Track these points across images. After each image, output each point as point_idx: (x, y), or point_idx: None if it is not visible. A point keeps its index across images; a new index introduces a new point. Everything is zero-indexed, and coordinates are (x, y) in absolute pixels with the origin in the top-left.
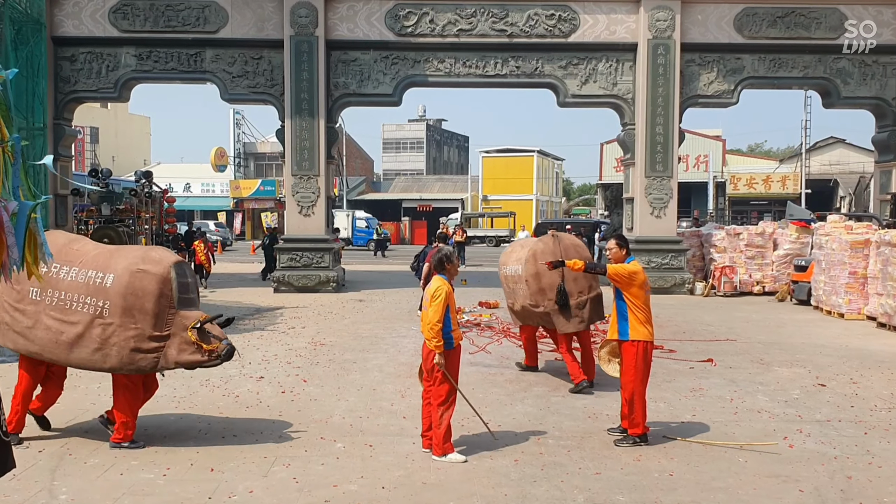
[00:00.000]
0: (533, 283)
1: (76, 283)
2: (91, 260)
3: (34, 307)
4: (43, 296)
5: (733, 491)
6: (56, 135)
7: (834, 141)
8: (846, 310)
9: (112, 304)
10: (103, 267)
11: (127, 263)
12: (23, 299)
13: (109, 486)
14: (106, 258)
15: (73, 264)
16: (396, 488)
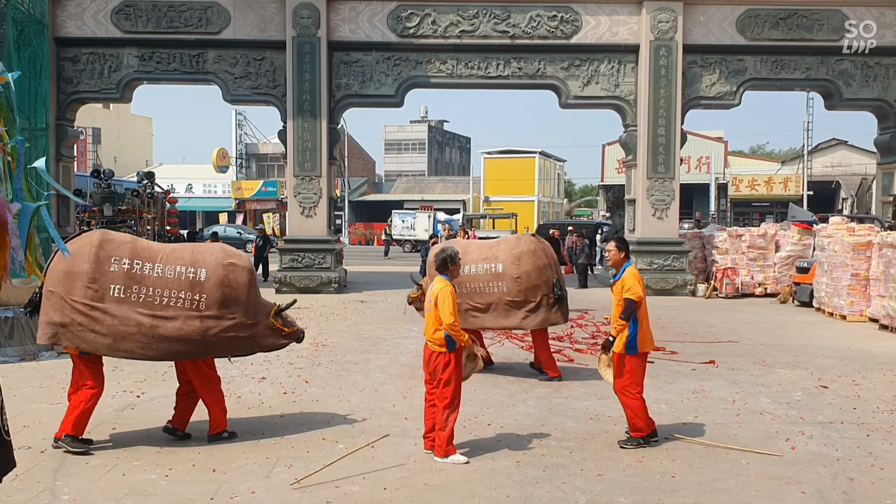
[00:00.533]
0: (525, 280)
1: (166, 279)
2: (169, 256)
3: (118, 305)
4: (128, 293)
5: (735, 493)
6: (58, 135)
7: (836, 143)
8: (848, 311)
9: (209, 296)
10: (190, 262)
11: (214, 258)
12: (103, 298)
13: (111, 487)
14: (184, 254)
15: (154, 261)
16: (398, 489)
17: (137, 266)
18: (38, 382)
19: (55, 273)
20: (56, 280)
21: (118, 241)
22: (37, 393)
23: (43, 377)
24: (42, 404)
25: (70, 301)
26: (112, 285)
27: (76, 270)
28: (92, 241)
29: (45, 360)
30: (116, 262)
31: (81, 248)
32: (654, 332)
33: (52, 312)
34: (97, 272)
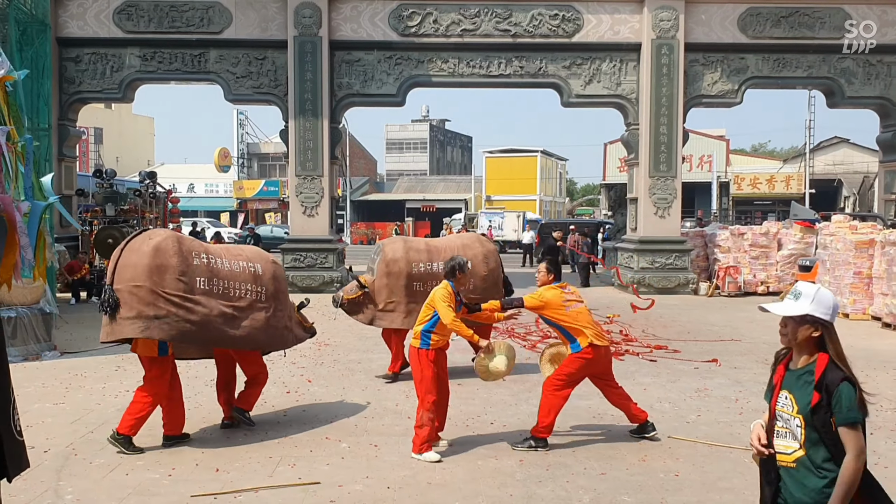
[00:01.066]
0: (489, 278)
1: (235, 272)
2: (229, 252)
3: (206, 297)
4: (210, 285)
5: (739, 491)
6: (61, 135)
7: (838, 141)
8: (851, 310)
9: (266, 289)
10: (247, 258)
11: (261, 255)
12: (192, 290)
13: (115, 486)
14: (238, 251)
15: (221, 256)
16: (402, 488)
17: (213, 260)
18: (42, 382)
19: (139, 268)
20: (143, 274)
21: (188, 237)
22: (40, 393)
23: (46, 377)
24: (45, 404)
25: (164, 294)
26: (198, 278)
27: (166, 264)
28: (170, 236)
29: (48, 360)
30: (197, 256)
31: (162, 244)
32: (657, 331)
33: (142, 306)
34: (185, 265)
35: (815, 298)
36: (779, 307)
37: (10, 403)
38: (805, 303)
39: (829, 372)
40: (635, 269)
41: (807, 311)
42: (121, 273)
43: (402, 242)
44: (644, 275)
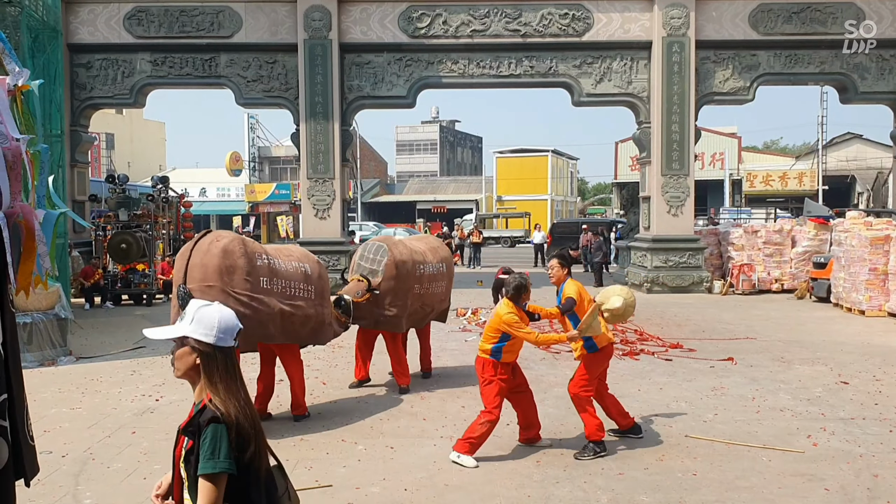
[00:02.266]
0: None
1: (290, 272)
2: (282, 253)
3: (267, 296)
4: (271, 284)
5: (758, 490)
6: (73, 141)
7: (851, 137)
8: (867, 306)
9: (315, 288)
10: (297, 258)
11: (309, 256)
12: (256, 289)
13: (133, 491)
14: (286, 252)
15: (278, 256)
16: (419, 490)
17: (273, 261)
18: (58, 387)
19: (209, 268)
20: (213, 274)
21: (249, 239)
22: (56, 398)
23: (62, 382)
24: (62, 409)
25: (233, 293)
26: (262, 277)
27: (234, 265)
28: (236, 238)
29: (64, 366)
30: (260, 258)
31: (230, 246)
32: (671, 330)
33: None
34: (250, 266)
35: (195, 317)
36: (157, 331)
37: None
38: (185, 323)
39: (201, 412)
40: (648, 268)
41: (185, 333)
42: (192, 273)
43: (403, 244)
44: (658, 273)
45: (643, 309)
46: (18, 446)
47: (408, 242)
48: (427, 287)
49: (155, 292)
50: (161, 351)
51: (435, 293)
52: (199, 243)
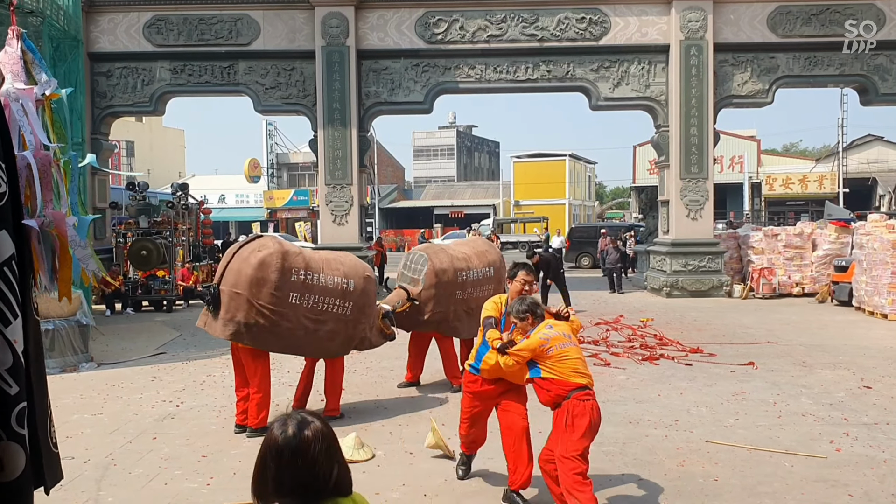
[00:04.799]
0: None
1: (328, 288)
2: (328, 266)
3: (293, 311)
4: (301, 300)
5: (780, 496)
6: (94, 149)
7: (872, 139)
8: (889, 310)
9: (353, 304)
10: (344, 274)
11: (357, 271)
12: (283, 304)
13: (154, 496)
14: (338, 265)
15: (319, 271)
16: (438, 496)
17: (309, 276)
18: (79, 393)
19: (242, 276)
20: (243, 283)
21: (293, 252)
22: (78, 404)
23: (84, 388)
24: (84, 415)
25: (257, 304)
26: (291, 293)
27: (265, 278)
28: (276, 251)
29: (86, 372)
30: (296, 273)
31: (268, 259)
32: (691, 335)
33: (237, 312)
34: (282, 281)
35: None
36: None
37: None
38: None
39: None
40: (668, 272)
41: None
42: (227, 276)
43: (445, 252)
44: (677, 278)
45: (663, 313)
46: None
47: (451, 249)
48: (471, 292)
49: (175, 298)
50: (181, 357)
51: (480, 297)
52: (242, 250)
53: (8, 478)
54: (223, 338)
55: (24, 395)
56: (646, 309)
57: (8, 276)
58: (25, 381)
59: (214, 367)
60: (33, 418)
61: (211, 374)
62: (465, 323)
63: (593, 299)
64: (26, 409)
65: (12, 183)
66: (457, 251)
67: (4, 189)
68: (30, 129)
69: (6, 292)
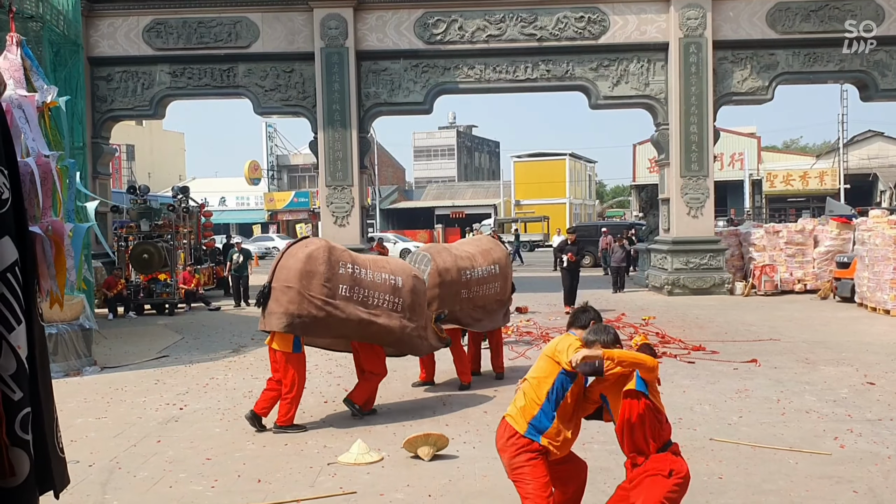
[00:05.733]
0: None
1: (376, 283)
2: (374, 264)
3: (345, 303)
4: (352, 293)
5: (785, 493)
6: (94, 153)
7: (872, 134)
8: (892, 306)
9: (403, 301)
10: (391, 271)
11: (404, 269)
12: (334, 295)
13: (159, 499)
14: (384, 263)
15: (366, 267)
16: (443, 496)
17: (357, 270)
18: (83, 397)
19: (292, 271)
20: (294, 277)
21: (339, 248)
22: (82, 408)
23: (87, 392)
24: (88, 419)
25: (308, 296)
26: (341, 285)
27: (314, 270)
28: (323, 246)
29: (89, 376)
30: (343, 266)
31: (315, 253)
32: (693, 332)
33: (289, 305)
34: (331, 273)
35: None
36: None
37: (55, 421)
38: None
39: None
40: (669, 271)
41: None
42: (278, 274)
43: (448, 251)
44: (678, 276)
45: (665, 311)
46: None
47: (455, 248)
48: (476, 290)
49: (177, 302)
50: (184, 360)
51: (488, 294)
52: (291, 248)
53: (13, 483)
54: (279, 330)
55: (28, 400)
56: (647, 307)
57: (11, 282)
58: (31, 386)
59: (217, 370)
60: (40, 424)
61: (214, 377)
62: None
63: (595, 298)
64: (30, 414)
65: (15, 189)
66: (460, 250)
67: (7, 195)
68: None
69: (9, 298)
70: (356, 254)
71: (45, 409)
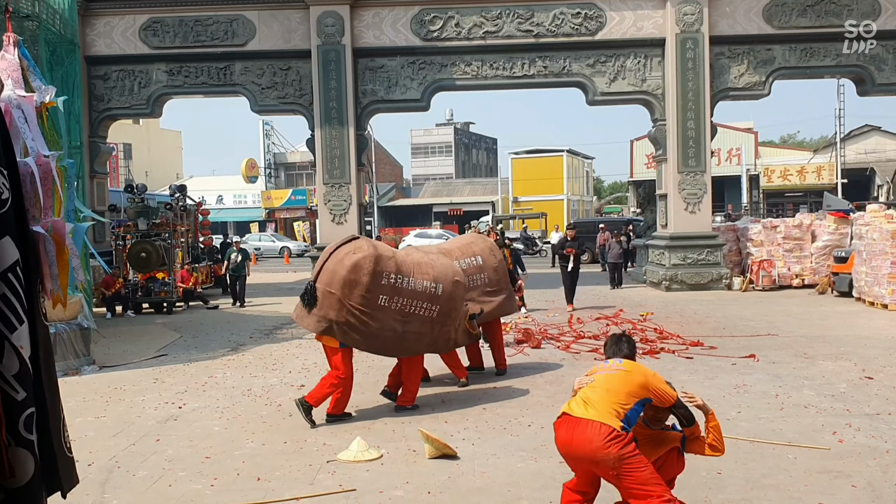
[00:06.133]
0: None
1: (416, 291)
2: (418, 270)
3: (382, 313)
4: (390, 303)
5: (784, 488)
6: (92, 152)
7: (869, 129)
8: (890, 300)
9: (440, 308)
10: (433, 278)
11: (447, 275)
12: (372, 306)
13: (159, 498)
14: (428, 269)
15: (409, 275)
16: (442, 493)
17: (399, 280)
18: (82, 397)
19: (336, 276)
20: (337, 283)
21: (386, 256)
22: (81, 407)
23: (86, 391)
24: (87, 418)
25: (348, 304)
26: (381, 295)
27: (358, 280)
28: (370, 255)
29: (88, 375)
30: (386, 277)
31: (361, 262)
32: (691, 328)
33: (329, 310)
34: (372, 284)
35: None
36: None
37: (61, 421)
38: None
39: None
40: (667, 266)
41: None
42: (323, 275)
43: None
44: (676, 271)
45: (663, 307)
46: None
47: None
48: None
49: (175, 300)
50: (182, 359)
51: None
52: (338, 251)
53: (17, 483)
54: (315, 332)
55: (31, 400)
56: (645, 303)
57: (13, 282)
58: (35, 387)
59: (216, 368)
60: (46, 424)
61: (213, 376)
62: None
63: (593, 294)
64: (34, 414)
65: (15, 189)
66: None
67: (7, 195)
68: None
69: (11, 298)
70: (402, 258)
71: (51, 409)
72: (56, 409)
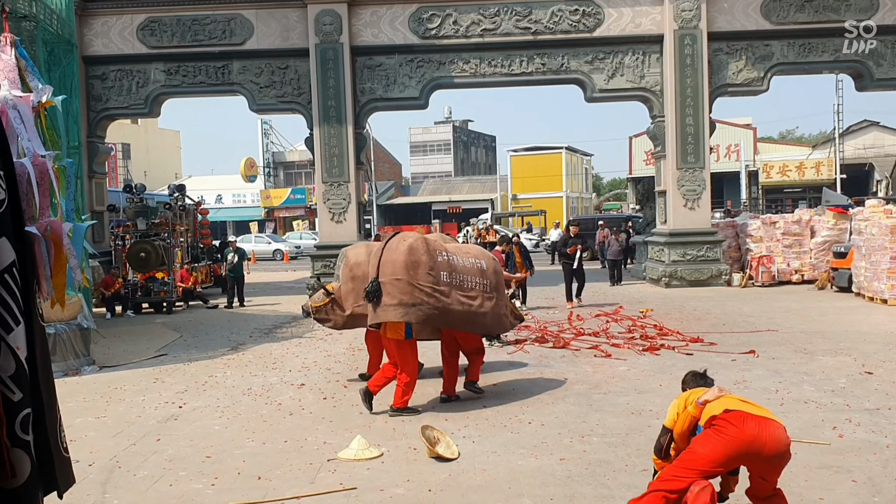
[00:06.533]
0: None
1: (467, 267)
2: (459, 250)
3: (448, 288)
4: (451, 278)
5: (784, 483)
6: (90, 153)
7: (868, 124)
8: (889, 295)
9: (490, 282)
10: (474, 255)
11: (484, 253)
12: (438, 282)
13: (159, 497)
14: (464, 249)
15: (456, 254)
16: (443, 490)
17: (451, 257)
18: (83, 397)
19: (398, 264)
20: (401, 269)
21: (431, 237)
22: (81, 407)
23: (86, 391)
24: (87, 418)
25: (418, 285)
26: (442, 272)
27: (418, 261)
28: (419, 237)
29: (88, 375)
30: (441, 254)
31: (414, 244)
32: (691, 324)
33: (401, 295)
34: (432, 262)
35: None
36: None
37: (58, 421)
38: None
39: None
40: (666, 263)
41: None
42: (383, 269)
43: (365, 247)
44: (676, 268)
45: (662, 303)
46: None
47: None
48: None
49: (175, 300)
50: (182, 359)
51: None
52: (389, 243)
53: (14, 484)
54: (396, 320)
55: (28, 401)
56: (645, 299)
57: (9, 283)
58: (32, 387)
59: (216, 367)
60: (43, 424)
61: (213, 375)
62: None
63: (592, 291)
64: (31, 415)
65: (12, 190)
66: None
67: (3, 196)
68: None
69: (7, 299)
70: (441, 242)
71: (48, 410)
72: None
